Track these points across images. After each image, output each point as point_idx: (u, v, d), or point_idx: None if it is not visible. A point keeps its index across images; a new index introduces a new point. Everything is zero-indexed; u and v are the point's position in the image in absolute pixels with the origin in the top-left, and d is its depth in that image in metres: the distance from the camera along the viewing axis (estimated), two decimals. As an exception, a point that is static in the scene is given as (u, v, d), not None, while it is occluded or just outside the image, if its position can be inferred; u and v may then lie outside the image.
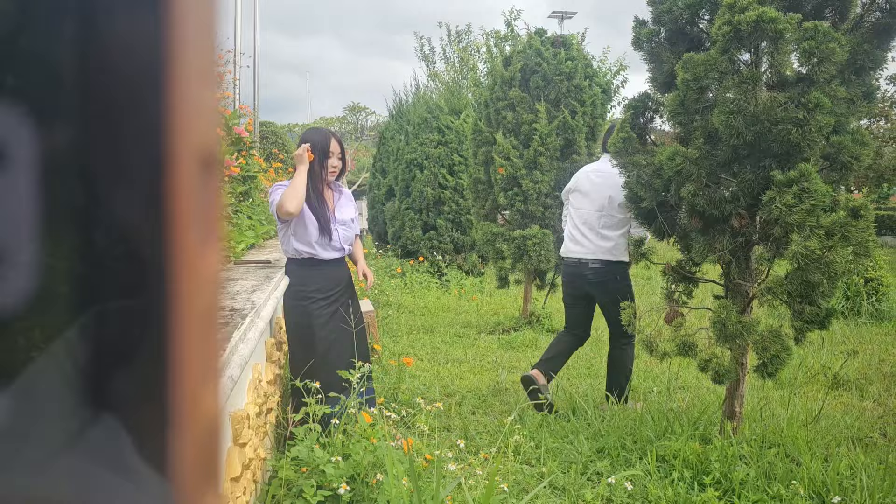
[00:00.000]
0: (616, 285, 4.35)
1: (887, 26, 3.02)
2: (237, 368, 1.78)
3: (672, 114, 3.30)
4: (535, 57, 6.76)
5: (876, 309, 7.62)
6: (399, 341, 6.47)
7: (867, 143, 3.01)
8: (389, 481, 2.34)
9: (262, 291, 2.76)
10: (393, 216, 11.51)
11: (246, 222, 4.82)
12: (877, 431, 4.00)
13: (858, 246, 2.88)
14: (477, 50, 19.23)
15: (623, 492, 3.00)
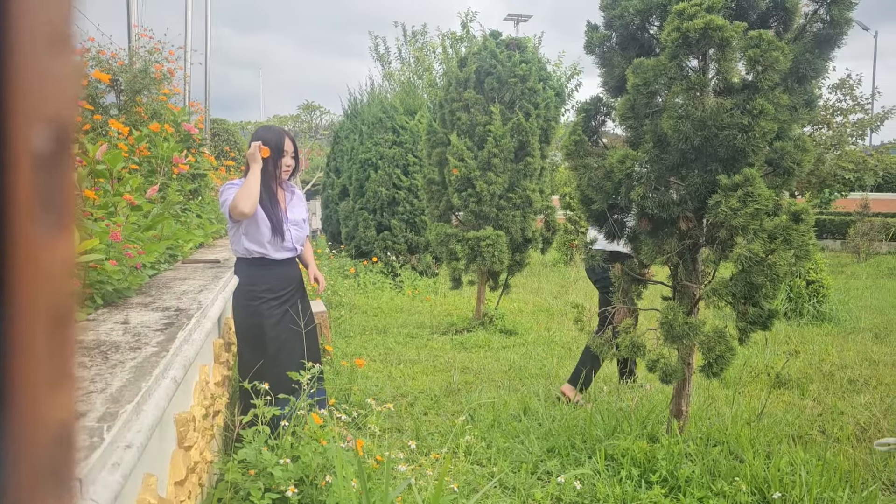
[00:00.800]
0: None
1: (828, 37, 3.12)
2: (181, 370, 1.73)
3: (623, 118, 3.35)
4: (489, 59, 6.80)
5: (817, 310, 7.87)
6: (351, 342, 6.42)
7: (808, 150, 3.11)
8: (339, 483, 2.32)
9: (209, 291, 2.71)
10: (347, 216, 11.42)
11: (195, 221, 4.73)
12: (816, 429, 4.13)
13: (799, 249, 2.97)
14: (433, 51, 19.25)
15: (572, 490, 3.03)
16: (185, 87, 8.03)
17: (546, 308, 8.68)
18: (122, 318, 2.15)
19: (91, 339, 1.84)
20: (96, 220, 2.55)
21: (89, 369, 1.55)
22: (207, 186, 5.65)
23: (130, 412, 1.30)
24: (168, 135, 4.36)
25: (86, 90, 4.63)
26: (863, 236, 15.05)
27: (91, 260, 2.10)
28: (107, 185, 2.91)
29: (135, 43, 5.97)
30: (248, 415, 2.81)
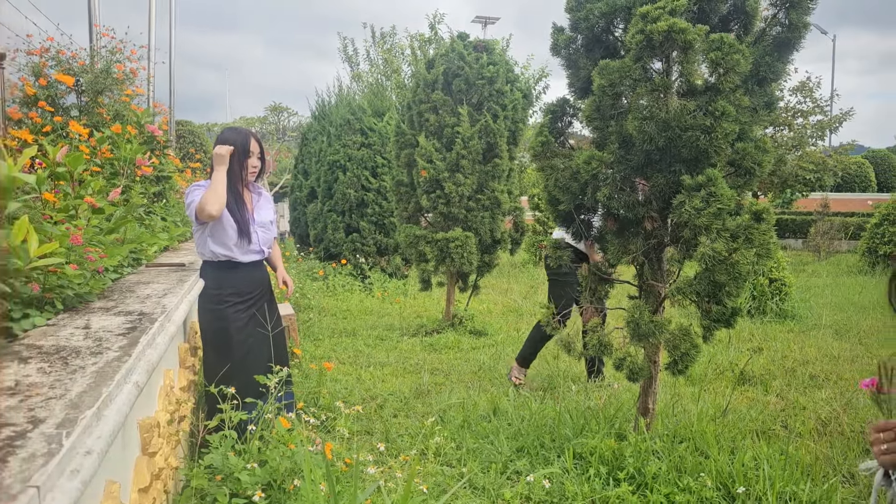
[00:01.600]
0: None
1: (787, 40, 3.19)
2: (144, 375, 1.71)
3: (589, 119, 3.38)
4: (457, 61, 6.81)
5: (780, 308, 8.03)
6: (321, 345, 6.38)
7: (768, 151, 3.17)
8: (307, 487, 2.30)
9: (174, 295, 2.67)
10: (315, 218, 11.35)
11: (160, 224, 4.66)
12: (779, 424, 4.22)
13: (761, 248, 3.02)
14: (401, 52, 19.24)
15: (541, 489, 3.05)
16: (149, 87, 7.90)
17: (515, 308, 8.73)
18: (83, 322, 2.11)
19: (51, 345, 1.80)
20: (56, 223, 2.50)
21: (48, 375, 1.52)
22: (172, 189, 5.57)
23: (90, 418, 1.28)
24: (131, 136, 4.29)
25: (46, 91, 4.53)
26: (823, 235, 15.40)
27: (50, 264, 2.06)
28: (67, 188, 2.86)
29: (96, 43, 5.86)
30: (215, 419, 2.78)
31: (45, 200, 2.49)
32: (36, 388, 1.42)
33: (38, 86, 4.48)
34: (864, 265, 12.76)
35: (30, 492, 0.97)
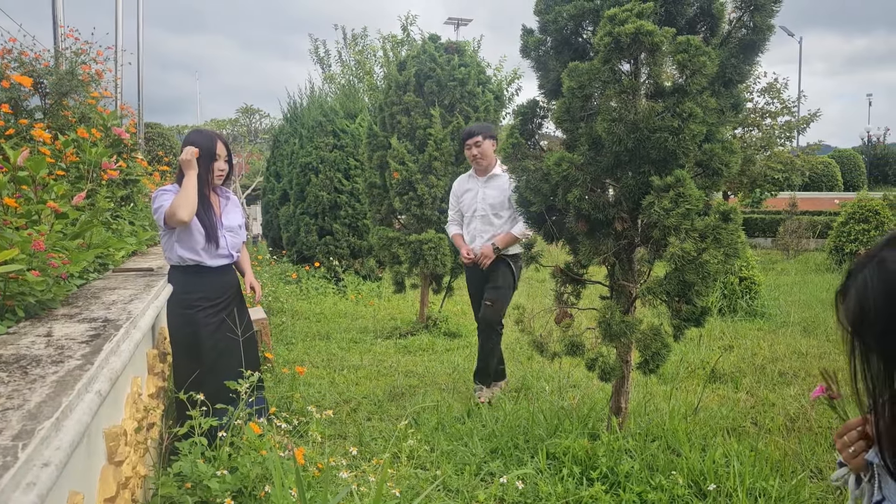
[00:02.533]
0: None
1: (752, 42, 3.23)
2: (107, 383, 1.67)
3: (559, 121, 3.39)
4: (429, 62, 6.81)
5: (749, 306, 8.15)
6: (293, 349, 6.33)
7: (735, 152, 3.21)
8: (277, 493, 2.27)
9: (140, 301, 2.63)
10: (288, 221, 11.26)
11: (127, 228, 4.58)
12: (749, 421, 4.27)
13: (729, 247, 3.06)
14: (373, 54, 19.18)
15: (515, 491, 3.05)
16: (116, 89, 7.78)
17: (490, 310, 8.72)
18: (45, 330, 2.06)
19: (10, 354, 1.76)
20: (17, 228, 2.44)
21: (6, 385, 1.48)
22: (140, 192, 5.48)
23: (49, 429, 1.25)
24: (97, 139, 4.21)
25: (7, 93, 4.43)
26: (791, 234, 15.66)
27: (11, 270, 2.01)
28: (29, 193, 2.79)
29: (61, 44, 5.75)
30: (185, 426, 2.74)
31: (5, 205, 2.43)
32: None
33: (1, 88, 4.38)
34: (832, 263, 13.00)
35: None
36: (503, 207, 4.72)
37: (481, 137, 4.71)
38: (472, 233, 4.83)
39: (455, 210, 5.03)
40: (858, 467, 1.33)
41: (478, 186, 4.84)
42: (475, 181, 4.88)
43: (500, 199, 4.72)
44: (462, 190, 4.96)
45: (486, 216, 4.75)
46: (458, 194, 4.99)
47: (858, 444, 1.31)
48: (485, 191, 4.78)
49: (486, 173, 4.81)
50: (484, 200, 4.77)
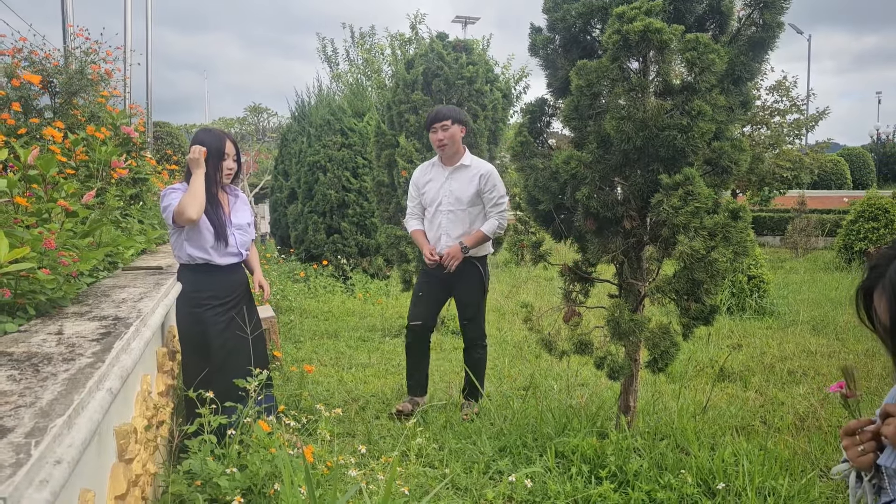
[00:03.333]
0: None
1: (761, 40, 3.22)
2: (118, 381, 1.68)
3: (567, 119, 3.39)
4: (436, 61, 6.81)
5: (758, 305, 8.12)
6: (302, 347, 6.34)
7: (745, 149, 3.20)
8: (287, 491, 2.28)
9: (150, 299, 2.64)
10: (296, 219, 11.28)
11: (136, 226, 4.60)
12: (758, 420, 4.26)
13: (738, 245, 3.05)
14: (381, 52, 19.18)
15: (524, 489, 3.05)
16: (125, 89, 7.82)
17: (497, 308, 8.73)
18: (55, 328, 2.08)
19: (22, 352, 1.77)
20: (28, 227, 2.45)
21: (18, 383, 1.49)
22: (149, 191, 5.50)
23: (61, 426, 1.25)
24: (107, 138, 4.23)
25: (18, 92, 4.46)
26: (800, 232, 15.58)
27: (22, 269, 2.02)
28: (40, 191, 2.81)
29: (70, 43, 5.78)
30: (194, 424, 2.75)
31: (16, 204, 2.45)
32: (5, 397, 1.39)
33: (11, 87, 4.40)
34: (841, 261, 12.92)
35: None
36: (473, 203, 4.30)
37: (450, 122, 4.25)
38: (438, 230, 4.35)
39: (415, 202, 4.50)
40: (862, 466, 1.33)
41: (442, 177, 4.35)
42: (439, 170, 4.39)
43: (468, 193, 4.27)
44: (424, 180, 4.45)
45: (453, 211, 4.29)
46: (418, 184, 4.47)
47: (869, 444, 1.31)
48: (451, 182, 4.32)
49: (452, 162, 4.35)
50: (451, 193, 4.30)
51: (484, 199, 4.31)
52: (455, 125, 4.27)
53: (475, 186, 4.27)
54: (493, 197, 4.30)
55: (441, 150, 4.31)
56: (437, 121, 4.27)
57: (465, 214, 4.30)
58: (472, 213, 4.31)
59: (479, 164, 4.37)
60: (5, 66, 4.63)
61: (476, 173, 4.28)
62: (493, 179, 4.29)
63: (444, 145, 4.28)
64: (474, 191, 4.27)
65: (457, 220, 4.30)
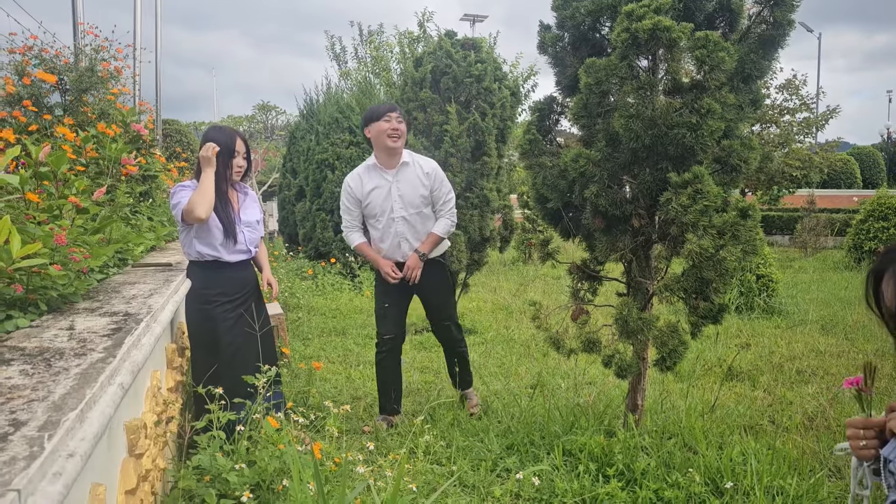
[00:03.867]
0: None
1: (771, 38, 3.20)
2: (129, 376, 1.69)
3: (576, 117, 3.38)
4: (445, 59, 6.80)
5: (767, 304, 8.09)
6: (310, 344, 6.36)
7: (754, 148, 3.19)
8: (295, 487, 2.29)
9: (160, 295, 2.65)
10: (304, 217, 11.31)
11: (146, 223, 4.63)
12: (766, 419, 4.24)
13: (747, 244, 3.04)
14: (390, 50, 19.20)
15: (531, 487, 3.05)
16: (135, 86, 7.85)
17: (505, 306, 8.73)
18: (67, 324, 2.09)
19: (34, 347, 1.78)
20: (40, 223, 2.47)
21: (31, 377, 1.50)
22: (159, 188, 5.53)
23: (73, 420, 1.27)
24: (116, 135, 4.25)
25: (29, 90, 4.48)
26: (809, 232, 15.50)
27: (34, 264, 2.04)
28: (51, 188, 2.83)
29: (80, 41, 5.81)
30: (203, 420, 2.76)
31: (28, 200, 2.47)
32: (18, 391, 1.40)
33: (22, 84, 4.43)
34: (850, 261, 12.86)
35: (10, 496, 0.96)
36: (426, 203, 4.01)
37: (402, 117, 3.96)
38: (396, 237, 4.00)
39: (355, 214, 4.07)
40: (863, 458, 1.41)
41: (387, 182, 3.99)
42: (381, 176, 4.00)
43: (419, 194, 3.98)
44: (366, 189, 4.01)
45: (408, 216, 3.98)
46: (358, 195, 4.02)
47: (872, 441, 1.38)
48: (398, 186, 3.97)
49: (393, 164, 3.99)
50: (401, 199, 3.97)
51: (433, 198, 4.05)
52: (404, 123, 3.99)
53: (425, 187, 4.00)
54: (441, 195, 4.05)
55: (394, 140, 3.91)
56: (392, 110, 3.93)
57: (419, 216, 4.02)
58: (424, 213, 4.03)
59: (420, 161, 4.08)
60: (16, 63, 4.66)
61: (421, 171, 4.01)
62: (440, 176, 4.06)
63: (399, 136, 3.92)
64: (425, 191, 4.00)
65: (414, 223, 4.01)
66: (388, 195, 3.97)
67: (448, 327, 4.29)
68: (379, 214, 3.99)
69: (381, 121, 3.89)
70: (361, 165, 4.13)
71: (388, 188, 3.97)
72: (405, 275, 3.99)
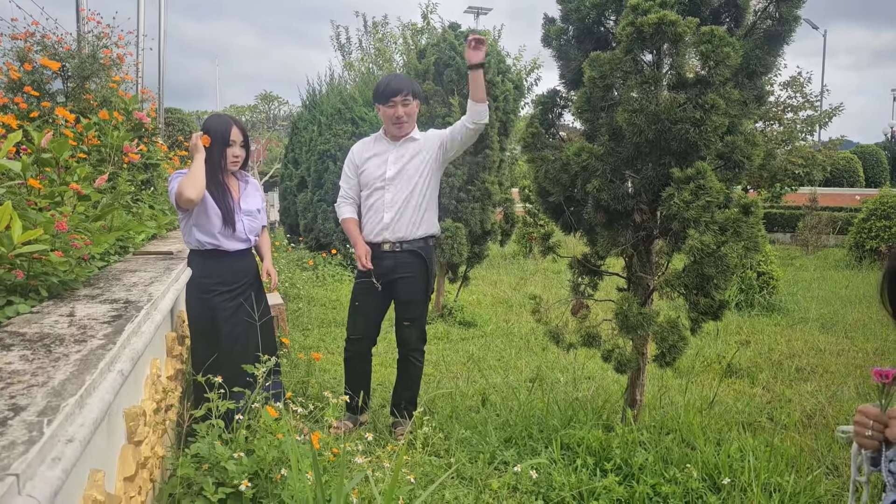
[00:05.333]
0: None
1: (777, 34, 3.19)
2: (129, 363, 1.69)
3: (579, 111, 3.37)
4: (448, 51, 6.79)
5: (767, 301, 8.09)
6: (309, 335, 6.36)
7: (758, 144, 3.18)
8: (293, 476, 2.29)
9: (161, 283, 2.65)
10: (305, 208, 11.30)
11: (147, 212, 4.63)
12: (765, 416, 4.25)
13: (749, 241, 3.03)
14: (394, 41, 19.15)
15: (528, 480, 3.06)
16: (137, 74, 7.83)
17: (505, 300, 8.74)
18: (67, 310, 2.09)
19: (34, 332, 1.78)
20: (41, 209, 2.47)
21: (31, 363, 1.50)
22: (160, 177, 5.53)
23: (73, 405, 1.27)
24: (118, 123, 4.24)
25: (31, 76, 4.48)
26: (811, 229, 15.49)
27: (35, 250, 2.04)
28: (53, 174, 2.83)
29: (83, 27, 5.79)
30: (202, 408, 2.77)
31: (29, 187, 2.47)
32: (18, 376, 1.40)
33: (24, 71, 4.42)
34: (851, 260, 12.85)
35: (9, 480, 0.96)
36: (419, 173, 3.75)
37: (411, 96, 3.70)
38: (379, 207, 3.74)
39: (351, 183, 3.87)
40: (866, 447, 1.44)
41: (386, 151, 3.79)
42: (383, 144, 3.81)
43: (414, 163, 3.75)
44: (365, 156, 3.83)
45: (397, 187, 3.73)
46: (357, 162, 3.84)
47: (878, 434, 1.40)
48: (396, 155, 3.76)
49: (401, 137, 3.79)
50: (394, 164, 3.74)
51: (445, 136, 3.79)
52: (415, 101, 3.76)
53: (426, 151, 3.76)
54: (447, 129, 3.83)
55: (399, 127, 3.72)
56: (397, 94, 3.66)
57: (409, 186, 3.72)
58: (418, 188, 3.73)
59: (424, 134, 3.87)
60: (18, 49, 4.65)
61: (423, 143, 3.78)
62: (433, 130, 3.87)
63: (402, 123, 3.71)
64: (426, 154, 3.75)
65: (400, 194, 3.71)
66: (384, 163, 3.75)
67: (409, 329, 3.87)
68: (371, 182, 3.77)
69: (385, 105, 3.71)
70: (372, 135, 3.97)
71: (386, 157, 3.76)
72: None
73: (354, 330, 3.89)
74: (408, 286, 3.80)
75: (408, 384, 3.97)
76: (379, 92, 3.74)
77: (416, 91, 3.76)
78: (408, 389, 3.97)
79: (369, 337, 3.93)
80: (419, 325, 3.90)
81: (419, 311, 3.89)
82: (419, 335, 3.93)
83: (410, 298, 3.83)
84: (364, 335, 3.90)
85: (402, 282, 3.78)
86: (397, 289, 3.81)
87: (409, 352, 3.92)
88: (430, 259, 3.84)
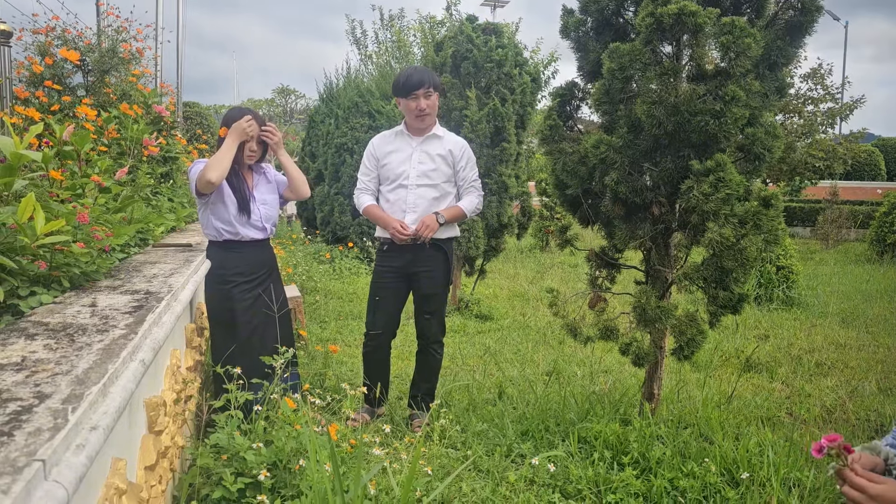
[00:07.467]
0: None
1: (799, 24, 3.15)
2: (150, 353, 1.71)
3: (598, 103, 3.35)
4: (466, 43, 6.77)
5: (786, 295, 8.01)
6: (326, 327, 6.40)
7: (779, 136, 3.14)
8: (312, 466, 2.31)
9: (180, 275, 2.67)
10: (322, 201, 11.34)
11: (166, 204, 4.66)
12: (784, 411, 4.21)
13: (769, 234, 3.00)
14: (414, 34, 19.14)
15: (545, 473, 3.05)
16: (156, 67, 7.89)
17: (521, 293, 8.72)
18: (89, 301, 2.12)
19: (57, 322, 1.80)
20: (63, 201, 2.50)
21: (55, 351, 1.52)
22: (179, 170, 5.56)
23: (96, 394, 1.28)
24: (138, 116, 4.28)
25: (52, 70, 4.52)
26: (831, 223, 15.31)
27: (57, 241, 2.06)
28: (74, 167, 2.85)
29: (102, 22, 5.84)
30: (221, 399, 2.79)
31: (51, 178, 2.49)
32: (42, 364, 1.42)
33: (45, 65, 4.47)
34: (872, 254, 12.69)
35: (35, 465, 0.98)
36: (442, 179, 3.75)
37: (432, 89, 3.68)
38: (403, 206, 3.74)
39: (371, 176, 3.85)
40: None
41: (409, 147, 3.77)
42: (405, 140, 3.80)
43: (438, 169, 3.74)
44: (386, 150, 3.82)
45: (421, 188, 3.72)
46: (378, 155, 3.83)
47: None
48: (420, 153, 3.75)
49: (423, 133, 3.78)
50: (419, 166, 3.73)
51: (458, 178, 3.82)
52: (436, 92, 3.73)
53: (448, 164, 3.76)
54: (467, 175, 3.82)
55: (421, 120, 3.71)
56: (419, 86, 3.64)
57: (433, 191, 3.73)
58: (438, 190, 3.75)
59: (451, 137, 3.86)
60: (39, 44, 4.70)
61: (449, 148, 3.77)
62: (468, 155, 3.83)
63: (426, 115, 3.70)
64: (447, 168, 3.76)
65: (424, 196, 3.72)
66: (407, 160, 3.73)
67: (429, 322, 3.89)
68: (393, 178, 3.75)
69: (408, 98, 3.67)
70: (392, 129, 3.94)
71: (410, 153, 3.74)
72: (417, 230, 3.63)
73: (374, 325, 3.89)
74: (429, 279, 3.81)
75: (427, 376, 3.98)
76: (400, 85, 3.71)
77: (436, 83, 3.74)
78: (426, 381, 3.98)
79: (389, 331, 3.93)
80: (439, 318, 3.91)
81: (439, 304, 3.90)
82: (439, 327, 3.93)
83: (431, 291, 3.84)
84: (384, 330, 3.90)
85: (423, 275, 3.79)
86: (419, 282, 3.82)
87: (429, 344, 3.93)
88: (449, 251, 3.85)
